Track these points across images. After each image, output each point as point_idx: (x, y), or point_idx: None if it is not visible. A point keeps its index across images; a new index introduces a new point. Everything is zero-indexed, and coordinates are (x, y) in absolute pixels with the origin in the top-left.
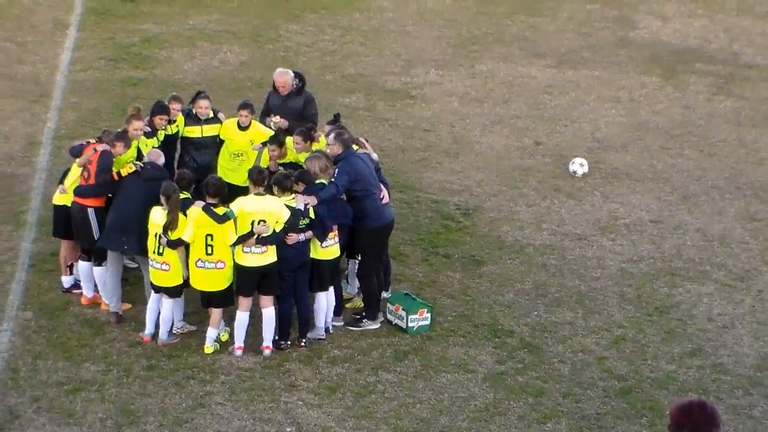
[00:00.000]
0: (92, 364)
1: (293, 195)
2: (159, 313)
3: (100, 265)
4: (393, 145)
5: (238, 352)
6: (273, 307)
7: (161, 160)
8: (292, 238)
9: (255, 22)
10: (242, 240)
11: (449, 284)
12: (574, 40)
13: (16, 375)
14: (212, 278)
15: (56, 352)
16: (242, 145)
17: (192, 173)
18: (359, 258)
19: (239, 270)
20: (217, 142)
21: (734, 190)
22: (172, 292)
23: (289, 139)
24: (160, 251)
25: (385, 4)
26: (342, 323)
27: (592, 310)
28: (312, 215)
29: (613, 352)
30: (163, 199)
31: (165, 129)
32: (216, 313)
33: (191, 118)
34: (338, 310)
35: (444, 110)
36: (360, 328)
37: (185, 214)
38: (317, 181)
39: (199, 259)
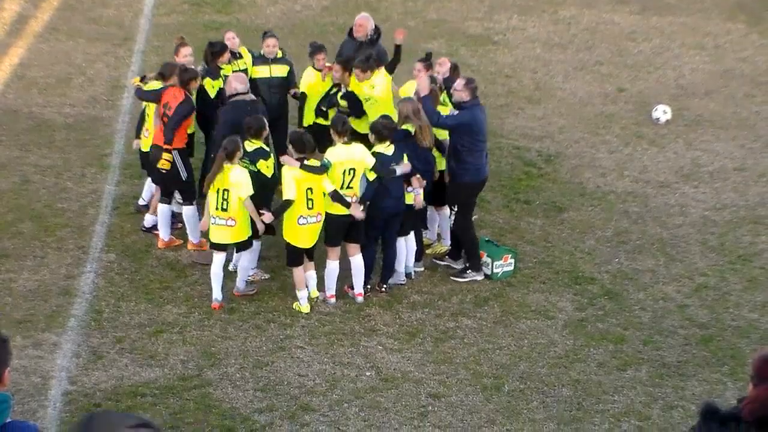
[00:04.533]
0: (174, 306)
1: (388, 143)
2: (223, 276)
3: (191, 203)
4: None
5: (332, 300)
6: (360, 254)
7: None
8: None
9: None
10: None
11: (530, 231)
12: None
13: (99, 316)
14: (314, 233)
15: (138, 294)
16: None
17: (263, 115)
18: (452, 209)
19: (328, 219)
20: (286, 82)
21: None
22: (242, 246)
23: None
24: (225, 207)
25: None
26: (422, 268)
27: (674, 257)
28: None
29: (694, 300)
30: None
31: (231, 64)
32: (311, 267)
33: (259, 59)
34: (419, 256)
35: (526, 56)
36: (465, 279)
37: (254, 166)
38: (402, 127)
39: (301, 216)
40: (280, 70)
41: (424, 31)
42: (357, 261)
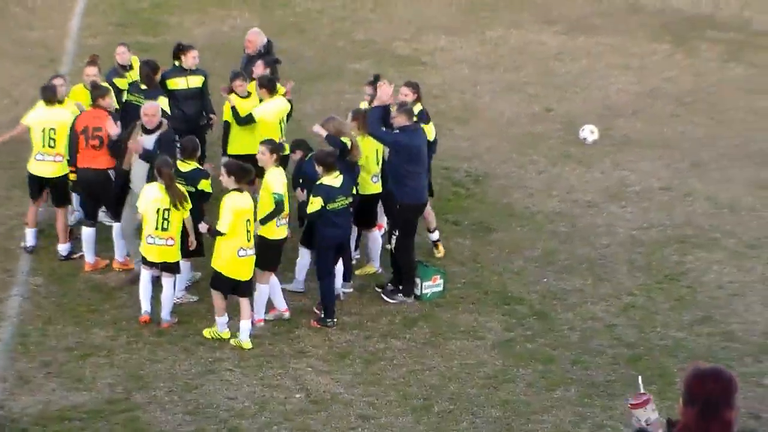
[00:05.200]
0: (101, 329)
1: (337, 173)
2: (151, 290)
3: (118, 221)
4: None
5: (260, 324)
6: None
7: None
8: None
9: None
10: (273, 216)
11: (459, 251)
12: (585, 7)
13: (26, 340)
14: (251, 264)
15: (65, 317)
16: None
17: (181, 126)
18: (393, 233)
19: (270, 244)
20: (201, 93)
21: (744, 157)
22: (173, 268)
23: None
24: (165, 226)
25: None
26: (351, 289)
27: (602, 277)
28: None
29: (622, 320)
30: (156, 174)
31: (124, 77)
32: (246, 303)
33: (177, 70)
34: (347, 276)
35: (454, 77)
36: (395, 301)
37: (195, 187)
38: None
39: (242, 248)
40: (196, 81)
41: (352, 51)
42: (274, 281)
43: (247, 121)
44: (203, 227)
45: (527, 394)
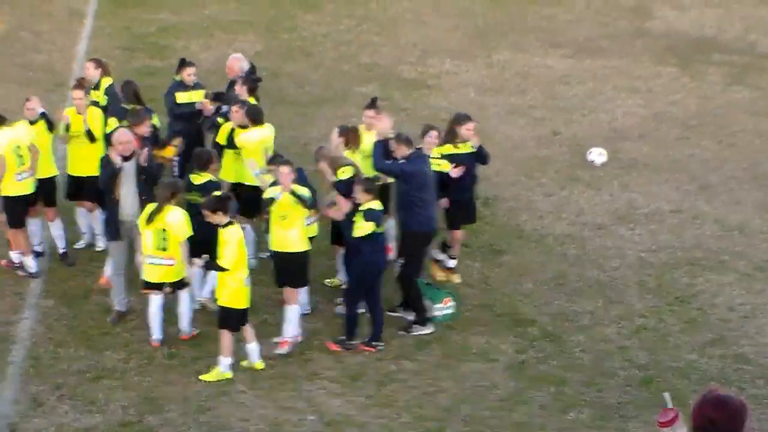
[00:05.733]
0: (113, 352)
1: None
2: (161, 316)
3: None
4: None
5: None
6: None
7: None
8: None
9: (271, 12)
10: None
11: (469, 274)
12: (590, 30)
13: (38, 363)
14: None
15: (78, 340)
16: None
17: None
18: (401, 261)
19: (284, 258)
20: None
21: (752, 180)
22: (181, 284)
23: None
24: (164, 246)
25: None
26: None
27: (613, 299)
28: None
29: (634, 342)
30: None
31: (90, 94)
32: (248, 326)
33: (179, 86)
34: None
35: (460, 100)
36: (413, 334)
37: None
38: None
39: (246, 276)
40: (198, 96)
41: (357, 75)
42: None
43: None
44: (198, 262)
45: (541, 416)
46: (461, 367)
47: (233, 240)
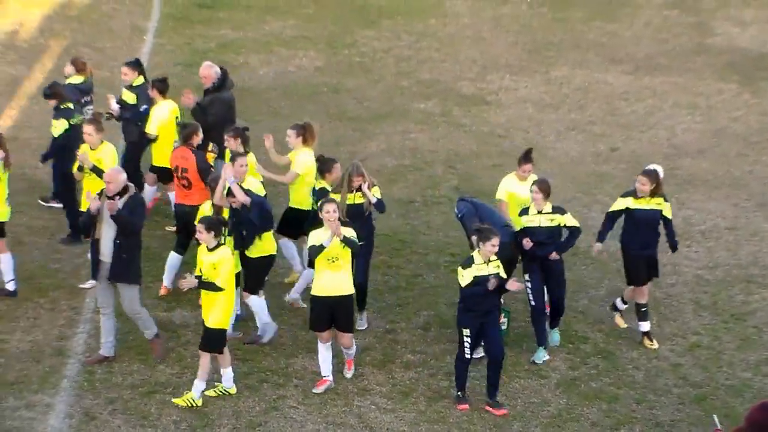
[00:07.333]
0: (167, 366)
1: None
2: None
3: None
4: (467, 150)
5: (322, 387)
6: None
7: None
8: None
9: (331, 28)
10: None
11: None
12: (650, 46)
13: (92, 377)
14: None
15: (131, 354)
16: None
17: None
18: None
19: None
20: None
21: None
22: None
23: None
24: None
25: (460, 9)
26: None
27: (667, 316)
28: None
29: (688, 359)
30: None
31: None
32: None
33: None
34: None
35: (519, 116)
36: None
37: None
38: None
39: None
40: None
41: (417, 91)
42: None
43: None
44: (187, 282)
45: None
46: (513, 384)
47: (226, 262)
